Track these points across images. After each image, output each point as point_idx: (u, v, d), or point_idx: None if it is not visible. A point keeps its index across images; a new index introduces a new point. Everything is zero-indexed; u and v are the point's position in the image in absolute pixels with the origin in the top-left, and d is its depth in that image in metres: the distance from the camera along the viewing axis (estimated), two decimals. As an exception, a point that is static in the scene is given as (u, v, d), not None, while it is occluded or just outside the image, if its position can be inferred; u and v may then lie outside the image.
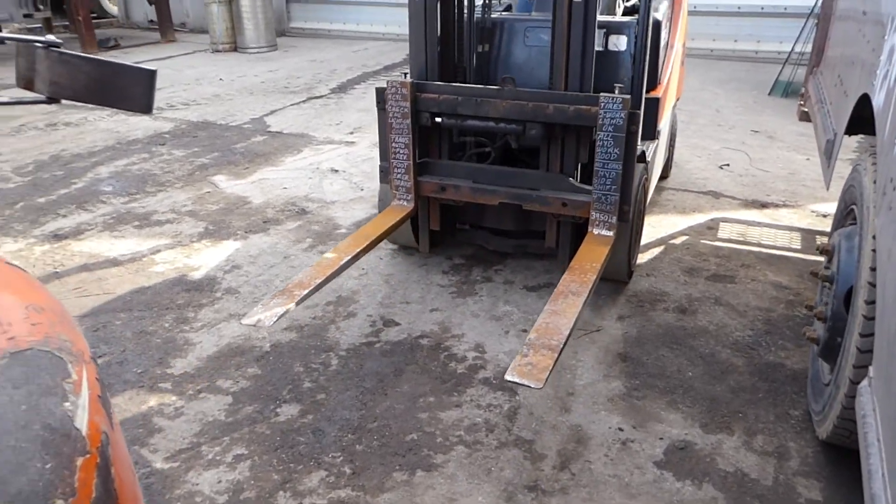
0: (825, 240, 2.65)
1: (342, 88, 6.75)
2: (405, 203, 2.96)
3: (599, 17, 2.76)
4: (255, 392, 2.33)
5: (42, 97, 0.89)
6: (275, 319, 2.16)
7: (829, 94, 3.01)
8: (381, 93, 2.90)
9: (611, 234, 2.71)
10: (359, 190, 4.14)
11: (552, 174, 2.84)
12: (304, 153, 4.82)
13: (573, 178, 2.83)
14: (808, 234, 3.59)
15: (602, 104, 2.57)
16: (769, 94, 6.35)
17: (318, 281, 2.37)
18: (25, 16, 8.64)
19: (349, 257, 2.55)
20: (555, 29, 2.71)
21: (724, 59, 7.66)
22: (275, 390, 2.34)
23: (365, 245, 2.65)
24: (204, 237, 3.55)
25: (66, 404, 0.59)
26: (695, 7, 6.37)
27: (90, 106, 6.17)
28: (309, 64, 8.05)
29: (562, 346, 2.03)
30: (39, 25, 10.23)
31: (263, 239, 3.51)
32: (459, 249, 3.35)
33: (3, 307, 0.67)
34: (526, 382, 1.89)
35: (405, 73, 2.90)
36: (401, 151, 2.90)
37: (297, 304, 2.26)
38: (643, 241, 3.35)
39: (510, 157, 3.12)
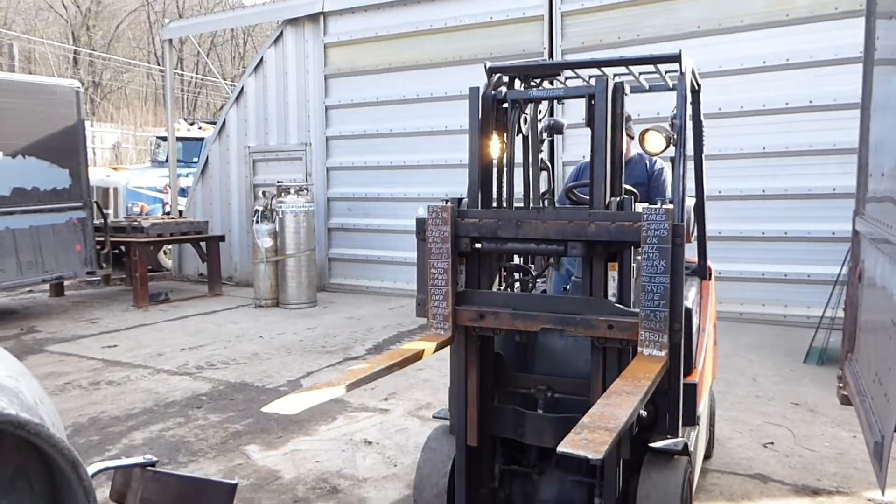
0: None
1: (378, 349, 6.92)
2: (441, 332, 2.87)
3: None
4: None
5: (131, 514, 0.95)
6: (298, 410, 2.16)
7: (868, 388, 2.98)
8: (421, 222, 2.92)
9: (662, 353, 2.54)
10: (392, 465, 4.06)
11: (595, 298, 2.75)
12: (338, 421, 4.81)
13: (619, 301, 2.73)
14: (869, 530, 3.35)
15: (645, 216, 2.54)
16: (804, 361, 6.33)
17: (348, 382, 2.33)
18: (88, 272, 9.28)
19: (380, 368, 2.50)
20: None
21: (752, 323, 7.77)
22: None
23: (398, 360, 2.59)
24: (231, 518, 3.43)
25: None
26: (720, 273, 6.63)
27: (134, 363, 6.39)
28: (346, 321, 8.35)
29: (619, 429, 1.88)
30: (98, 279, 10.98)
31: (292, 523, 3.38)
32: (496, 542, 3.17)
33: None
34: (582, 454, 1.73)
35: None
36: (439, 277, 2.86)
37: (321, 402, 2.26)
38: (692, 536, 3.15)
39: None
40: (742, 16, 7.79)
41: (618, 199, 2.77)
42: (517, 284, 3.30)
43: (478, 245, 2.90)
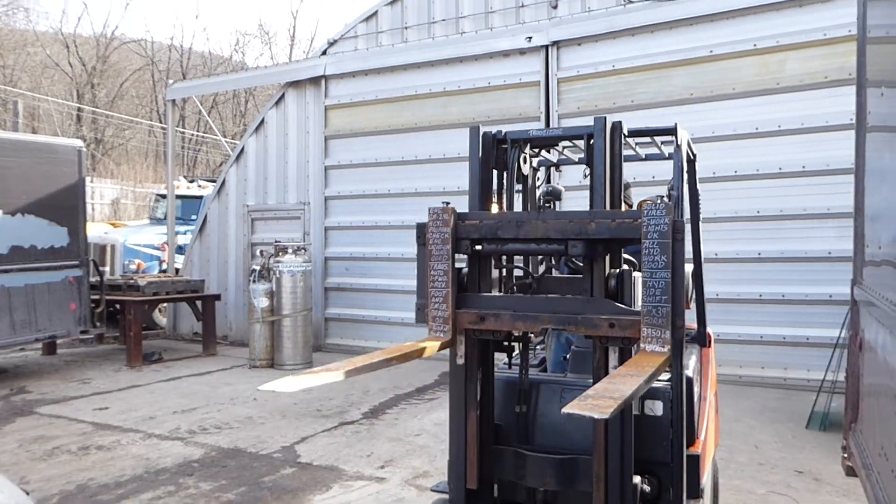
0: None
1: (374, 413, 6.81)
2: (441, 335, 2.82)
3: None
4: None
5: None
6: (294, 389, 2.14)
7: (875, 463, 2.93)
8: (421, 226, 2.89)
9: (665, 350, 2.50)
10: (388, 539, 3.95)
11: (596, 299, 2.71)
12: (334, 490, 4.69)
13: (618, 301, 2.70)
14: None
15: (646, 212, 2.54)
16: (807, 426, 6.24)
17: (346, 369, 2.31)
18: (82, 331, 9.19)
19: (379, 360, 2.49)
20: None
21: (752, 386, 7.68)
22: None
23: (398, 355, 2.58)
24: None
25: None
26: (718, 335, 6.59)
27: (125, 427, 6.27)
28: (342, 384, 8.16)
29: (625, 398, 1.88)
30: (92, 337, 10.87)
31: None
32: None
33: None
34: (588, 414, 1.75)
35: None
36: (439, 279, 2.82)
37: (317, 385, 2.24)
38: None
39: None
40: (733, 84, 7.97)
41: (617, 269, 2.78)
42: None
43: (478, 247, 2.90)
